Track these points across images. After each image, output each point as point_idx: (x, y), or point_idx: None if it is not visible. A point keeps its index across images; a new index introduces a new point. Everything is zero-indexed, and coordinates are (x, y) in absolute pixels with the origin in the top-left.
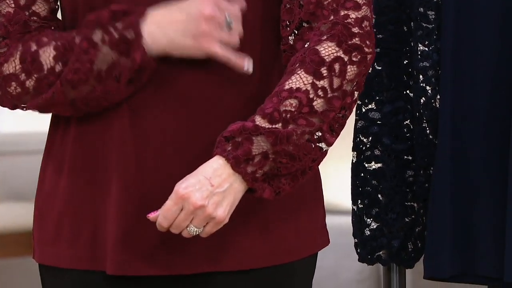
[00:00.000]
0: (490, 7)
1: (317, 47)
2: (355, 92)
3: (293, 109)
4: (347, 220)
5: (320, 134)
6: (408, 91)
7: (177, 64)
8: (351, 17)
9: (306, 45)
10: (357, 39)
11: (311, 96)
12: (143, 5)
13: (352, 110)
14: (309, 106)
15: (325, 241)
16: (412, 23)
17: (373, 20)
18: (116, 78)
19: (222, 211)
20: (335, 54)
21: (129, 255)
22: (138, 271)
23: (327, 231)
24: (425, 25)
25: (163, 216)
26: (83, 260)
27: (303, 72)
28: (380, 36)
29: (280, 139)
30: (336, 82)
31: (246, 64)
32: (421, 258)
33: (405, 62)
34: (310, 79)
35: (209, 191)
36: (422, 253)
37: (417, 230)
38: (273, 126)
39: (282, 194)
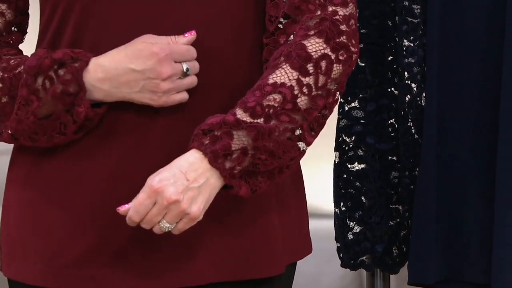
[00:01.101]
0: (477, 1)
1: (304, 42)
2: (337, 92)
3: (276, 105)
4: (329, 223)
5: (300, 132)
6: (392, 89)
7: None
8: (339, 14)
9: (290, 39)
10: (344, 37)
11: (295, 92)
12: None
13: (332, 110)
14: (292, 103)
15: (308, 249)
16: (396, 17)
17: (357, 14)
18: (61, 130)
19: (197, 207)
20: (322, 51)
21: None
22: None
23: (310, 238)
24: (410, 19)
25: (134, 209)
26: (49, 277)
27: (288, 67)
28: (364, 31)
29: (261, 134)
30: (321, 80)
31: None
32: (406, 263)
33: (389, 58)
34: (295, 74)
35: (184, 185)
36: (407, 258)
37: (402, 234)
38: (255, 120)
39: (258, 192)
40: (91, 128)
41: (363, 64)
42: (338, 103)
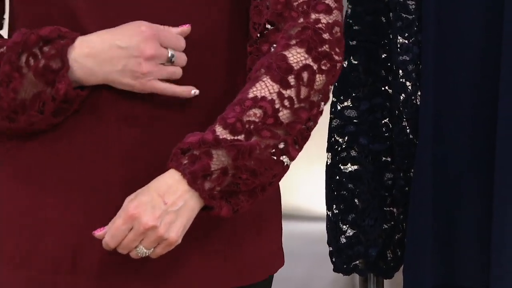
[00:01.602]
0: None
1: (285, 53)
2: (322, 102)
3: (257, 120)
4: (320, 226)
5: (283, 147)
6: (386, 87)
7: None
8: (322, 21)
9: (272, 48)
10: (327, 46)
11: (276, 106)
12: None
13: (317, 122)
14: (274, 117)
15: (280, 263)
16: (391, 13)
17: (350, 10)
18: (39, 109)
19: (175, 232)
20: (304, 62)
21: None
22: None
23: (283, 252)
24: (405, 15)
25: (110, 234)
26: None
27: (269, 80)
28: (357, 27)
29: (242, 153)
30: (303, 92)
31: (193, 90)
32: (400, 267)
33: (383, 56)
34: (276, 87)
35: (161, 210)
36: (401, 262)
37: (396, 237)
38: (235, 137)
39: (240, 212)
40: (71, 112)
41: (356, 62)
42: (331, 100)
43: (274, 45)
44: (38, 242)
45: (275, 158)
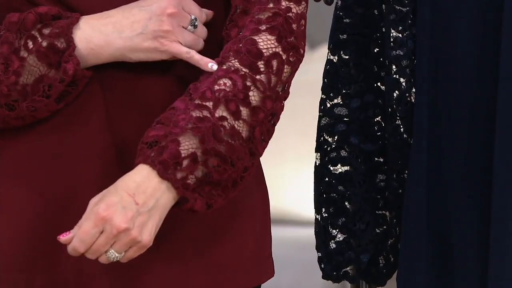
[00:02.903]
0: None
1: (255, 38)
2: (284, 98)
3: (227, 89)
4: (308, 232)
5: (249, 136)
6: (379, 84)
7: (132, 69)
8: (292, 11)
9: (241, 33)
10: (294, 37)
11: (248, 83)
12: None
13: (279, 118)
14: (244, 94)
15: (270, 273)
16: (383, 5)
17: (340, 2)
18: (44, 93)
19: (148, 234)
20: (273, 50)
21: None
22: None
23: (272, 261)
24: (398, 8)
25: (79, 239)
26: None
27: (237, 63)
28: (347, 20)
29: (207, 135)
30: (273, 80)
31: (210, 63)
32: (394, 274)
33: (375, 51)
34: (246, 70)
35: (133, 211)
36: (395, 269)
37: (389, 242)
38: (204, 103)
39: (213, 207)
40: (74, 97)
41: (346, 57)
42: (283, 109)
43: (243, 30)
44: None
45: (242, 146)
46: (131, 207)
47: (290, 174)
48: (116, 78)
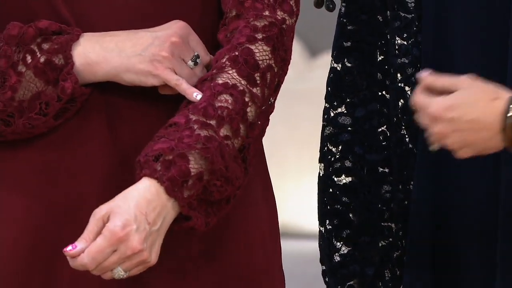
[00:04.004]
0: None
1: (252, 47)
2: (270, 113)
3: (230, 107)
4: (313, 244)
5: (245, 153)
6: (384, 92)
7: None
8: (286, 23)
9: (233, 37)
10: (284, 51)
11: (246, 99)
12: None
13: (264, 135)
14: (243, 111)
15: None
16: (388, 12)
17: (343, 9)
18: (41, 111)
19: (156, 254)
20: (268, 62)
21: None
22: None
23: (283, 273)
24: (403, 14)
25: (91, 256)
26: None
27: (235, 73)
28: (351, 27)
29: (215, 155)
30: (266, 93)
31: (195, 93)
32: None
33: (380, 58)
34: (244, 82)
35: (146, 231)
36: (401, 282)
37: (395, 255)
38: (208, 121)
39: (210, 226)
40: (72, 114)
41: (350, 65)
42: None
43: (235, 33)
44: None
45: (240, 165)
46: (144, 227)
47: (292, 185)
48: (120, 93)
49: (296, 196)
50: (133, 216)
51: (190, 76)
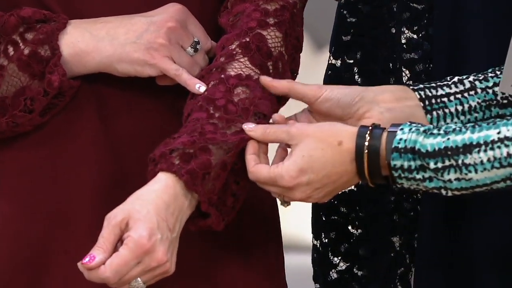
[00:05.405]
0: None
1: (264, 33)
2: (283, 104)
3: (249, 96)
4: (305, 259)
5: None
6: None
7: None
8: (297, 6)
9: (239, 21)
10: (296, 38)
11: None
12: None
13: None
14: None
15: None
16: (394, 3)
17: None
18: (26, 107)
19: (174, 263)
20: (279, 49)
21: None
22: None
23: (286, 284)
24: (413, 5)
25: (115, 270)
26: None
27: (247, 62)
28: (352, 19)
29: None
30: None
31: (198, 84)
32: None
33: (384, 54)
34: (258, 71)
35: (169, 239)
36: None
37: (399, 272)
38: (233, 117)
39: (227, 223)
40: (59, 110)
41: (351, 61)
42: None
43: (241, 15)
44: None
45: None
46: (167, 235)
47: None
48: (112, 83)
49: (289, 206)
50: (156, 223)
51: (190, 64)
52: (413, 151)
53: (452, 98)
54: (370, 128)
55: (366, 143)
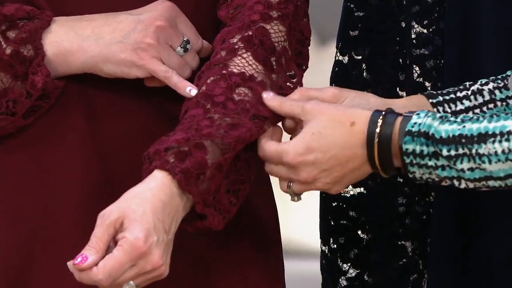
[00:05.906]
0: None
1: (267, 27)
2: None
3: (250, 100)
4: (313, 266)
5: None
6: (398, 89)
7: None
8: None
9: (240, 14)
10: (301, 31)
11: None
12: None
13: None
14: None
15: None
16: None
17: None
18: (8, 110)
19: (168, 266)
20: (283, 44)
21: None
22: None
23: None
24: None
25: (108, 273)
26: None
27: (251, 57)
28: (359, 13)
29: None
30: (282, 79)
31: (189, 87)
32: None
33: (394, 50)
34: (261, 68)
35: (165, 241)
36: None
37: (411, 279)
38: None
39: (227, 221)
40: (44, 112)
41: (359, 57)
42: None
43: (237, 7)
44: None
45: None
46: (163, 237)
47: (288, 199)
48: (99, 84)
49: (296, 210)
50: (152, 224)
51: (180, 65)
52: (426, 135)
53: (470, 113)
54: (384, 113)
55: (378, 129)
